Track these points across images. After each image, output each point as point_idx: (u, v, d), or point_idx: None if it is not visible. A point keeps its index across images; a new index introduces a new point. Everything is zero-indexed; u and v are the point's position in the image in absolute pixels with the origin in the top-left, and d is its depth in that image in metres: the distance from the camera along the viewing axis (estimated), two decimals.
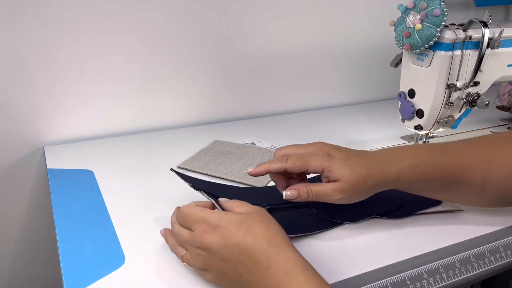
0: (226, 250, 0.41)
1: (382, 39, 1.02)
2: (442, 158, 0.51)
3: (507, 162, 0.51)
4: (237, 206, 0.46)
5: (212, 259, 0.42)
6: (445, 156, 0.52)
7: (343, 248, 0.52)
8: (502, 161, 0.51)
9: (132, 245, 0.52)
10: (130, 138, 0.85)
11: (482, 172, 0.51)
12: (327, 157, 0.49)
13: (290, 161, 0.49)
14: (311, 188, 0.49)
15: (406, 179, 0.50)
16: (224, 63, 0.91)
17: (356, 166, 0.49)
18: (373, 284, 0.47)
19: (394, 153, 0.51)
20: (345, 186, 0.48)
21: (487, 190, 0.52)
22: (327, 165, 0.48)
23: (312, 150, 0.51)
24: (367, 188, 0.49)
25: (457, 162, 0.51)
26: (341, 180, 0.48)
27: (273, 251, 0.40)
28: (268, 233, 0.42)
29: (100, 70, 0.81)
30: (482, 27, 0.61)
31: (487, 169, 0.51)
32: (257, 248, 0.40)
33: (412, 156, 0.51)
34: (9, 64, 0.74)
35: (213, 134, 0.86)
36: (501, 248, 0.53)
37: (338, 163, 0.49)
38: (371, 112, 1.01)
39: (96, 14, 0.77)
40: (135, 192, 0.65)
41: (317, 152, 0.50)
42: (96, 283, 0.46)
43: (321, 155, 0.49)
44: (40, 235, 0.88)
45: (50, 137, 0.82)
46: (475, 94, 0.66)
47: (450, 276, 0.49)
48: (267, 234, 0.42)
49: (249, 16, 0.89)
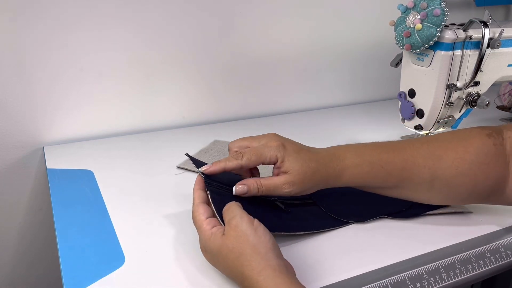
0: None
1: (382, 39, 1.02)
2: (385, 156, 0.52)
3: (455, 160, 0.52)
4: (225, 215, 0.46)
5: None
6: (388, 155, 0.52)
7: (343, 248, 0.52)
8: (451, 159, 0.52)
9: (132, 245, 0.52)
10: (130, 138, 0.85)
11: (429, 170, 0.52)
12: (282, 147, 0.50)
13: (245, 157, 0.49)
14: (261, 182, 0.50)
15: (348, 177, 0.51)
16: (224, 63, 0.91)
17: (306, 160, 0.50)
18: (373, 284, 0.47)
19: (339, 151, 0.52)
20: (295, 179, 0.49)
21: (437, 187, 0.53)
22: (281, 155, 0.49)
23: (266, 142, 0.51)
24: (313, 184, 0.50)
25: (401, 160, 0.52)
26: (291, 172, 0.49)
27: (246, 284, 0.42)
28: (239, 265, 0.42)
29: (100, 70, 0.81)
30: (483, 27, 0.61)
31: (435, 167, 0.52)
32: (233, 278, 0.44)
33: (355, 155, 0.52)
34: (9, 64, 0.74)
35: (213, 134, 0.86)
36: (501, 248, 0.53)
37: (290, 155, 0.49)
38: (371, 112, 1.01)
39: (96, 14, 0.77)
40: (135, 192, 0.65)
41: (271, 142, 0.50)
42: (96, 283, 0.46)
43: (276, 146, 0.50)
44: (39, 235, 0.88)
45: (50, 137, 0.82)
46: (475, 94, 0.66)
47: (450, 276, 0.49)
48: (238, 267, 0.42)
49: (249, 16, 0.89)
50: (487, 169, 0.52)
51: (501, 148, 0.52)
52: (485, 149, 0.52)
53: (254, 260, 0.41)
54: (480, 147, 0.52)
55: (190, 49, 0.87)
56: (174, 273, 0.48)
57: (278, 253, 0.43)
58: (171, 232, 0.55)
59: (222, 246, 0.43)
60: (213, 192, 0.49)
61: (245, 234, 0.43)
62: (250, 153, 0.50)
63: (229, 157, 0.50)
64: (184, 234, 0.55)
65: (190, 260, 0.50)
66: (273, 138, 0.51)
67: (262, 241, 0.43)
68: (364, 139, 0.84)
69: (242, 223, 0.43)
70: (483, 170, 0.52)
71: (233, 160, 0.49)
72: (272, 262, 0.41)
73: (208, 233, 0.45)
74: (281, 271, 0.41)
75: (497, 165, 0.52)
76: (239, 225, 0.43)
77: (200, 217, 0.46)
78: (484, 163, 0.51)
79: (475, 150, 0.52)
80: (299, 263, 0.49)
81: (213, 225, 0.45)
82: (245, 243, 0.42)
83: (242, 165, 0.49)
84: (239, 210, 0.45)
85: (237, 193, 0.50)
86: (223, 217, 0.46)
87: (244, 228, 0.43)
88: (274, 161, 0.50)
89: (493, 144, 0.52)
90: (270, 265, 0.41)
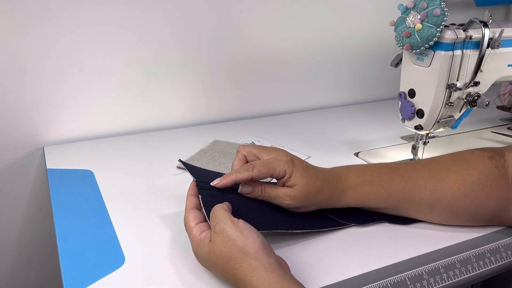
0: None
1: (382, 39, 1.02)
2: (386, 177, 0.53)
3: (457, 181, 0.52)
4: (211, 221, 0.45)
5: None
6: (389, 175, 0.53)
7: (343, 248, 0.52)
8: (452, 181, 0.52)
9: (132, 245, 0.52)
10: (130, 138, 0.85)
11: (430, 191, 0.52)
12: (291, 162, 0.50)
13: (256, 169, 0.49)
14: (265, 188, 0.51)
15: (350, 196, 0.52)
16: (224, 63, 0.91)
17: (312, 177, 0.50)
18: (373, 284, 0.47)
19: (342, 172, 0.54)
20: (297, 194, 0.50)
21: (438, 209, 0.53)
22: (290, 170, 0.50)
23: (276, 156, 0.51)
24: (314, 202, 0.51)
25: (402, 180, 0.53)
26: (295, 187, 0.50)
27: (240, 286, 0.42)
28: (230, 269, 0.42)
29: (100, 70, 0.81)
30: (483, 27, 0.61)
31: (436, 188, 0.52)
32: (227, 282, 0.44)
33: (356, 175, 0.53)
34: (9, 64, 0.74)
35: (213, 134, 0.86)
36: (501, 248, 0.53)
37: (297, 171, 0.50)
38: (371, 112, 1.01)
39: (96, 14, 0.77)
40: (135, 192, 0.65)
41: (281, 157, 0.51)
42: (96, 283, 0.46)
43: (285, 160, 0.50)
44: (39, 235, 0.88)
45: (50, 137, 0.82)
46: (475, 94, 0.66)
47: (450, 276, 0.49)
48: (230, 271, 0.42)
49: (249, 16, 0.89)
50: (489, 191, 0.52)
51: (503, 170, 0.53)
52: (487, 171, 0.52)
53: (244, 262, 0.41)
54: (482, 169, 0.52)
55: (190, 49, 0.87)
56: (174, 273, 0.48)
57: (268, 251, 0.43)
58: (171, 232, 0.55)
59: (210, 252, 0.43)
60: (205, 195, 0.49)
61: (231, 239, 0.42)
62: (261, 165, 0.50)
63: (240, 168, 0.50)
64: (184, 234, 0.54)
65: (190, 260, 0.50)
66: (283, 153, 0.52)
67: (250, 241, 0.42)
68: (364, 139, 0.84)
69: (226, 228, 0.43)
70: (485, 191, 0.52)
71: (244, 172, 0.49)
72: (263, 261, 0.41)
73: (197, 239, 0.45)
74: (273, 269, 0.41)
75: (500, 187, 0.52)
76: (223, 230, 0.43)
77: (190, 223, 0.47)
78: (487, 185, 0.52)
79: (477, 172, 0.52)
80: (298, 263, 0.49)
81: (202, 230, 0.46)
82: (232, 247, 0.42)
83: (253, 177, 0.50)
84: (223, 214, 0.44)
85: (242, 192, 0.51)
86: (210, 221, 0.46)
87: (230, 233, 0.43)
88: (283, 175, 0.50)
89: (495, 166, 0.53)
90: (262, 265, 0.41)
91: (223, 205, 0.46)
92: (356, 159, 0.76)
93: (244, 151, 0.53)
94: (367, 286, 0.46)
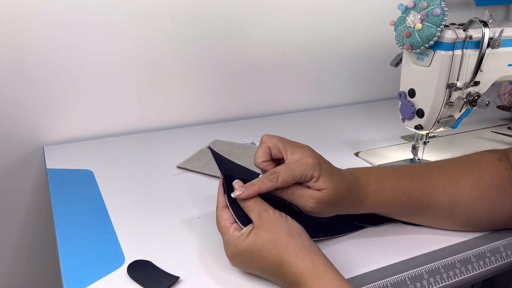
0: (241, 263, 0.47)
1: (382, 39, 1.02)
2: (406, 181, 0.52)
3: (473, 184, 0.52)
4: (251, 210, 0.46)
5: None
6: (409, 180, 0.52)
7: (343, 248, 0.52)
8: (469, 184, 0.52)
9: (132, 245, 0.52)
10: (130, 138, 0.85)
11: (448, 195, 0.52)
12: (318, 166, 0.47)
13: (280, 179, 0.46)
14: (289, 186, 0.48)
15: (370, 205, 0.51)
16: (224, 63, 0.91)
17: (338, 183, 0.48)
18: (373, 284, 0.47)
19: (362, 177, 0.51)
20: (324, 198, 0.47)
21: (456, 213, 0.53)
22: (317, 174, 0.47)
23: (301, 157, 0.48)
24: (336, 208, 0.50)
25: (420, 185, 0.52)
26: (323, 191, 0.47)
27: (284, 269, 0.43)
28: (276, 253, 0.43)
29: (100, 70, 0.81)
30: (483, 26, 0.61)
31: (453, 191, 0.52)
32: (269, 272, 0.45)
33: (376, 181, 0.51)
34: (9, 63, 0.74)
35: (213, 134, 0.86)
36: (501, 248, 0.53)
37: (325, 175, 0.47)
38: (371, 112, 1.01)
39: (96, 14, 0.77)
40: (135, 192, 0.65)
41: (307, 159, 0.48)
42: (96, 283, 0.46)
43: (312, 164, 0.47)
44: (39, 235, 0.88)
45: (50, 137, 0.82)
46: (476, 94, 0.66)
47: (451, 276, 0.49)
48: (275, 255, 0.44)
49: (249, 16, 0.89)
50: (503, 192, 0.52)
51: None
52: (499, 173, 0.52)
53: (290, 244, 0.44)
54: (495, 171, 0.52)
55: (190, 49, 0.87)
56: (174, 273, 0.48)
57: (306, 234, 0.46)
58: (171, 232, 0.55)
59: (256, 241, 0.44)
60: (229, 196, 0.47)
61: (278, 222, 0.45)
62: (286, 174, 0.47)
63: (264, 178, 0.47)
64: (184, 233, 0.55)
65: (190, 260, 0.50)
66: (309, 154, 0.48)
67: (293, 227, 0.45)
68: (364, 139, 0.84)
69: (273, 214, 0.46)
70: (500, 193, 0.52)
71: (268, 183, 0.47)
72: (306, 243, 0.44)
73: (236, 235, 0.45)
74: (316, 251, 0.44)
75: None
76: (271, 215, 0.45)
77: (225, 223, 0.46)
78: (500, 186, 0.52)
79: (490, 173, 0.52)
80: None
81: (237, 229, 0.46)
82: (279, 230, 0.44)
83: (277, 187, 0.47)
84: (261, 202, 0.47)
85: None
86: (247, 212, 0.46)
87: (277, 217, 0.45)
88: (309, 180, 0.47)
89: (504, 168, 0.53)
90: (305, 246, 0.44)
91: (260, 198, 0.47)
92: (356, 159, 0.76)
93: (269, 143, 0.50)
94: (367, 286, 0.46)
